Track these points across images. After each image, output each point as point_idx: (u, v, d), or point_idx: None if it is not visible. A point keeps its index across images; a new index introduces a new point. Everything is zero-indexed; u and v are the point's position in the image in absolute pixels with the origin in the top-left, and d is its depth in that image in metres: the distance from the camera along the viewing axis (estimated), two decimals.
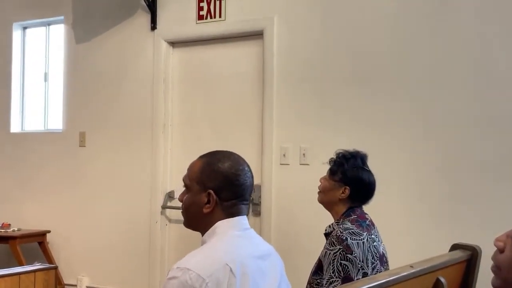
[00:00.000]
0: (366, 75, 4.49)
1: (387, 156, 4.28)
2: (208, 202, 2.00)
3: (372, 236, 2.92)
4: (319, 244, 2.99)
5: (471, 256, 2.49)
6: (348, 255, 2.74)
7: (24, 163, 6.20)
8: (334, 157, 3.05)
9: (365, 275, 2.75)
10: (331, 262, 2.76)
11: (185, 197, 2.09)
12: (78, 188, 5.88)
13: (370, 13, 4.50)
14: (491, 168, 4.10)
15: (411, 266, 2.15)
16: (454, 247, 2.54)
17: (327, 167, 3.09)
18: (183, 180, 2.11)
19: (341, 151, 3.06)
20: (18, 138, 6.33)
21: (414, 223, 4.22)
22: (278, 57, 4.91)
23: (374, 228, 2.99)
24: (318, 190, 3.07)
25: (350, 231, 2.82)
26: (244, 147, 4.62)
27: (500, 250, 1.50)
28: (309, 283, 2.89)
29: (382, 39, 4.47)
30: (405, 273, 2.08)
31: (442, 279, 2.25)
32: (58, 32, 6.23)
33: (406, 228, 4.12)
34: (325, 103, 4.65)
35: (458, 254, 2.46)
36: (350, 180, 2.96)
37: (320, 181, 3.07)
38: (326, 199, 3.04)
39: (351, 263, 2.74)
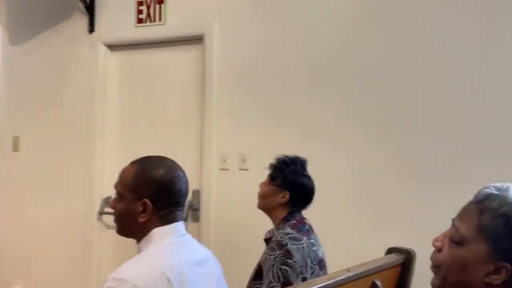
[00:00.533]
0: (306, 79, 4.50)
1: (325, 161, 4.31)
2: (144, 211, 1.98)
3: (312, 240, 2.94)
4: (259, 249, 2.99)
5: (406, 259, 2.54)
6: (288, 260, 2.76)
7: None
8: (274, 162, 3.06)
9: (304, 279, 2.78)
10: (271, 267, 2.77)
11: (118, 205, 2.05)
12: (11, 193, 5.72)
13: (311, 17, 4.52)
14: (426, 171, 4.14)
15: (348, 270, 2.18)
16: (390, 250, 2.58)
17: (267, 172, 3.10)
18: (115, 187, 2.08)
19: (281, 156, 3.07)
20: None
21: (351, 227, 4.24)
22: (218, 62, 4.88)
23: (313, 232, 3.01)
24: (258, 196, 3.07)
25: (290, 236, 2.84)
26: (183, 152, 4.61)
27: (438, 250, 1.54)
28: None
29: (322, 43, 4.48)
30: (342, 277, 2.11)
31: (378, 282, 2.28)
32: None
33: (344, 232, 4.15)
34: (266, 108, 4.65)
35: (394, 258, 2.51)
36: (289, 185, 2.98)
37: (260, 186, 3.07)
38: (266, 204, 3.05)
39: (291, 268, 2.75)
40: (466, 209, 1.53)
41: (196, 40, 5.00)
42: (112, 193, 4.85)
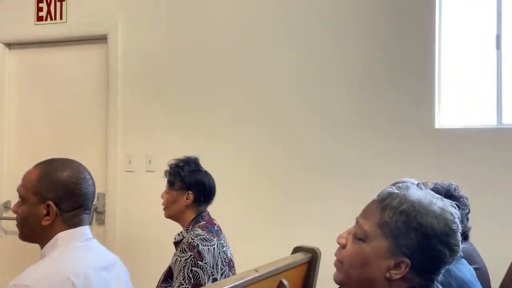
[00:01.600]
0: (210, 79, 4.52)
1: (230, 161, 4.35)
2: (48, 214, 1.93)
3: (221, 241, 2.97)
4: (167, 252, 2.98)
5: (312, 258, 2.58)
6: (199, 262, 2.77)
7: None
8: (168, 168, 3.06)
9: (214, 280, 2.80)
10: (182, 269, 2.78)
11: (20, 209, 1.99)
12: None
13: (215, 15, 4.55)
14: (329, 169, 4.24)
15: (256, 270, 2.19)
16: (296, 249, 2.62)
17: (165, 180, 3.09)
18: (18, 190, 2.01)
19: (172, 161, 3.08)
20: None
21: (258, 226, 4.29)
22: (122, 62, 4.83)
23: (221, 233, 3.03)
24: (163, 206, 3.05)
25: (201, 237, 2.86)
26: (87, 154, 4.53)
27: (343, 246, 1.57)
28: None
29: (225, 40, 4.53)
30: (250, 277, 2.12)
31: (285, 281, 2.31)
32: None
33: (251, 232, 4.18)
34: (171, 108, 4.64)
35: (300, 257, 2.54)
36: (190, 184, 2.99)
37: (162, 197, 3.06)
38: (173, 212, 3.05)
39: (202, 270, 2.77)
40: (369, 207, 1.57)
41: (100, 39, 4.93)
42: (11, 197, 4.79)
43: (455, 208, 1.55)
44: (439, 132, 4.07)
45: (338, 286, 1.66)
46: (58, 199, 1.94)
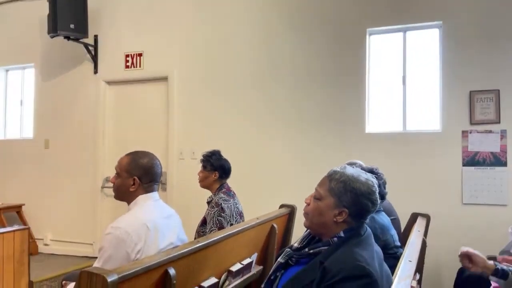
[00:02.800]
0: (228, 96, 4.55)
1: (236, 150, 4.35)
2: (133, 184, 1.94)
3: (235, 201, 2.97)
4: (202, 208, 2.97)
5: (291, 211, 2.60)
6: (222, 214, 2.78)
7: (5, 164, 5.66)
8: (202, 157, 3.05)
9: (231, 225, 2.79)
10: (212, 218, 2.79)
11: (116, 180, 2.00)
12: (44, 175, 5.43)
13: (227, 54, 4.55)
14: (302, 157, 4.25)
15: (257, 218, 2.21)
16: (281, 206, 2.63)
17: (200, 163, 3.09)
18: (115, 168, 2.02)
19: (205, 152, 3.06)
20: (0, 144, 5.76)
21: (259, 191, 4.30)
22: (177, 94, 4.83)
23: (235, 196, 3.03)
24: (199, 180, 3.05)
25: (223, 199, 2.87)
26: (157, 149, 4.44)
27: (308, 204, 1.60)
28: (197, 232, 2.88)
29: (243, 70, 4.54)
30: (253, 223, 2.14)
31: (275, 225, 2.32)
32: (30, 74, 5.71)
33: (254, 195, 4.18)
34: (204, 124, 4.66)
35: (284, 210, 2.56)
36: (216, 167, 2.99)
37: (198, 174, 3.05)
38: (205, 184, 3.03)
39: (224, 219, 2.77)
40: (322, 180, 1.61)
41: (163, 79, 4.92)
42: (109, 174, 4.81)
43: (374, 179, 1.61)
44: (368, 135, 4.08)
45: (306, 229, 1.68)
46: (140, 175, 1.96)
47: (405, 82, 4.04)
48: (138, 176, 1.95)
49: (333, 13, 4.20)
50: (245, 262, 2.00)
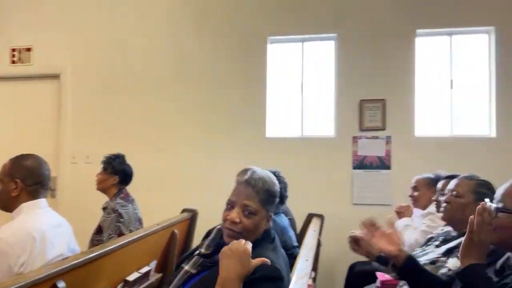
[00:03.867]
0: (124, 104, 4.35)
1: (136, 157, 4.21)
2: (16, 188, 1.76)
3: (134, 206, 2.87)
4: (97, 215, 2.80)
5: (193, 215, 2.57)
6: (120, 219, 2.66)
7: None
8: (104, 158, 2.92)
9: (131, 231, 2.69)
10: (109, 225, 2.66)
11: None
12: None
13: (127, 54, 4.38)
14: (206, 156, 4.24)
15: (158, 224, 2.14)
16: (184, 210, 2.59)
17: (100, 165, 2.94)
18: None
19: (107, 154, 2.94)
20: None
21: (159, 196, 4.17)
22: (71, 94, 4.52)
23: (134, 202, 2.92)
24: (96, 182, 2.90)
25: (120, 204, 2.75)
26: (46, 152, 4.16)
27: (238, 223, 1.51)
28: (91, 240, 2.72)
29: (136, 74, 4.38)
30: (153, 229, 2.07)
31: (176, 231, 2.27)
32: None
33: (154, 200, 4.05)
34: (97, 125, 4.42)
35: (186, 215, 2.52)
36: (118, 171, 2.87)
37: (97, 176, 2.90)
38: (102, 187, 2.89)
39: (123, 225, 2.66)
40: (244, 193, 1.52)
41: (54, 77, 4.56)
42: None
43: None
44: (268, 140, 4.19)
45: (207, 233, 1.67)
46: (23, 177, 1.79)
47: (303, 89, 4.24)
48: (20, 178, 1.78)
49: (237, 18, 4.25)
50: (143, 270, 1.92)
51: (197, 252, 1.57)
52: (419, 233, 2.52)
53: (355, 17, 4.07)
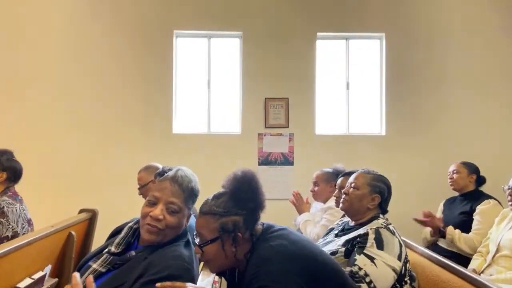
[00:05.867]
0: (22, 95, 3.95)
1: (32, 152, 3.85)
2: None
3: (23, 206, 2.61)
4: None
5: (92, 216, 2.41)
6: (1, 219, 2.41)
7: None
8: None
9: (15, 232, 2.44)
10: None
11: None
12: None
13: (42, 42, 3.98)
14: (107, 152, 4.02)
15: (52, 226, 1.98)
16: (81, 210, 2.42)
17: None
18: None
19: None
20: None
21: (53, 196, 3.87)
22: None
23: (23, 202, 2.66)
24: None
25: (6, 202, 2.49)
26: None
27: (160, 220, 1.46)
28: None
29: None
30: (47, 231, 1.92)
31: (73, 232, 2.12)
32: None
33: (48, 201, 3.75)
34: None
35: (84, 215, 2.36)
36: (7, 168, 2.60)
37: None
38: None
39: (3, 226, 2.40)
40: (170, 190, 1.48)
41: None
42: None
43: None
44: (175, 136, 4.10)
45: (115, 231, 1.58)
46: None
47: (210, 85, 4.22)
48: None
49: (141, 10, 4.09)
50: (37, 276, 1.76)
51: (107, 250, 1.49)
52: (320, 227, 2.64)
53: (260, 16, 4.15)
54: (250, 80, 4.13)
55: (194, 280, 1.36)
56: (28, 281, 1.70)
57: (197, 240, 1.41)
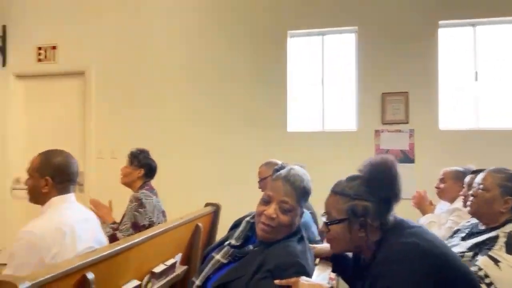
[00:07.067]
0: (149, 100, 4.41)
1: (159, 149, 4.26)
2: (46, 185, 1.81)
3: (158, 199, 2.93)
4: (123, 209, 2.86)
5: (216, 209, 2.59)
6: (139, 209, 2.74)
7: None
8: (130, 153, 2.98)
9: (151, 222, 2.74)
10: (128, 212, 2.77)
11: (28, 182, 1.86)
12: None
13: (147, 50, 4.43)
14: (230, 155, 4.26)
15: (181, 218, 2.17)
16: (207, 204, 2.61)
17: (125, 159, 3.00)
18: (27, 170, 1.87)
19: (133, 149, 2.99)
20: None
21: (181, 191, 4.23)
22: (95, 90, 4.61)
23: (157, 195, 2.97)
24: (121, 175, 2.95)
25: (144, 194, 2.82)
26: (72, 148, 4.24)
27: (273, 218, 1.52)
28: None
29: (158, 66, 4.43)
30: (177, 222, 2.10)
31: (200, 224, 2.29)
32: None
33: (176, 195, 4.11)
34: (124, 120, 4.51)
35: (209, 209, 2.54)
36: (143, 165, 2.94)
37: (122, 170, 2.96)
38: (127, 180, 2.95)
39: (140, 215, 2.73)
40: (283, 189, 1.51)
41: (79, 74, 4.66)
42: (20, 175, 4.45)
43: None
44: (289, 134, 4.17)
45: (234, 225, 1.69)
46: (53, 175, 1.83)
47: (324, 83, 4.21)
48: (50, 176, 1.82)
49: (255, 13, 4.26)
50: (169, 262, 1.95)
51: (228, 242, 1.60)
52: (445, 230, 2.47)
53: (376, 9, 4.01)
54: (366, 75, 4.02)
55: (308, 275, 1.39)
56: (162, 267, 1.90)
57: (324, 218, 1.42)
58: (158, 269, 1.86)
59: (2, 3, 4.70)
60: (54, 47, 4.71)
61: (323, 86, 4.22)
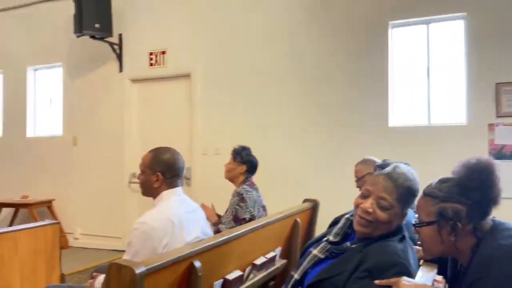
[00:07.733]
0: (250, 97, 4.54)
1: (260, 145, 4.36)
2: (157, 180, 1.97)
3: (258, 193, 3.01)
4: (227, 203, 3.00)
5: (314, 205, 2.60)
6: (241, 203, 2.86)
7: (35, 160, 5.83)
8: (233, 150, 3.10)
9: (252, 215, 2.85)
10: (231, 206, 2.89)
11: (141, 177, 2.04)
12: (73, 170, 5.58)
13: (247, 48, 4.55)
14: (335, 155, 4.24)
15: (281, 212, 2.22)
16: (305, 200, 2.63)
17: (229, 155, 3.12)
18: (139, 166, 2.06)
19: (236, 146, 3.11)
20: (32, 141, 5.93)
21: (278, 186, 4.30)
22: (200, 91, 4.87)
23: (258, 190, 3.06)
24: (225, 170, 3.09)
25: (245, 189, 2.93)
26: (180, 146, 4.56)
27: (370, 213, 1.48)
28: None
29: (256, 66, 4.54)
30: (277, 217, 2.15)
31: (298, 219, 2.32)
32: (58, 73, 5.87)
33: (274, 190, 4.18)
34: (228, 120, 4.72)
35: (307, 205, 2.56)
36: (246, 161, 3.04)
37: (226, 165, 3.10)
38: (230, 175, 3.08)
39: (241, 209, 2.85)
40: (382, 184, 1.48)
41: (186, 76, 4.97)
42: (135, 170, 4.88)
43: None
44: (391, 129, 4.02)
45: (333, 222, 1.69)
46: (163, 171, 1.99)
47: (429, 75, 3.97)
48: (161, 171, 1.98)
49: (355, 6, 4.16)
50: (269, 255, 2.01)
51: (326, 238, 1.60)
52: None
53: None
54: (478, 64, 3.70)
55: (411, 276, 1.34)
56: (262, 259, 1.96)
57: (415, 220, 1.37)
58: (259, 261, 1.93)
59: (118, 13, 5.19)
60: (163, 52, 5.08)
61: (428, 78, 3.98)
